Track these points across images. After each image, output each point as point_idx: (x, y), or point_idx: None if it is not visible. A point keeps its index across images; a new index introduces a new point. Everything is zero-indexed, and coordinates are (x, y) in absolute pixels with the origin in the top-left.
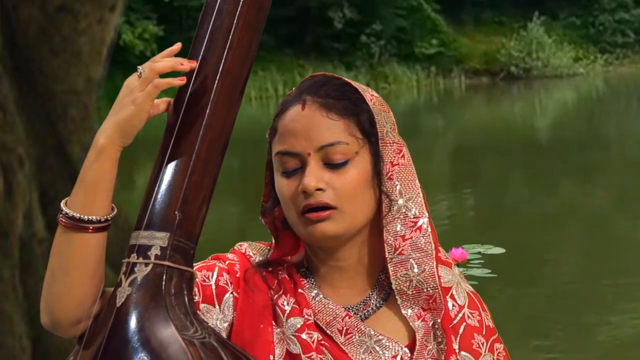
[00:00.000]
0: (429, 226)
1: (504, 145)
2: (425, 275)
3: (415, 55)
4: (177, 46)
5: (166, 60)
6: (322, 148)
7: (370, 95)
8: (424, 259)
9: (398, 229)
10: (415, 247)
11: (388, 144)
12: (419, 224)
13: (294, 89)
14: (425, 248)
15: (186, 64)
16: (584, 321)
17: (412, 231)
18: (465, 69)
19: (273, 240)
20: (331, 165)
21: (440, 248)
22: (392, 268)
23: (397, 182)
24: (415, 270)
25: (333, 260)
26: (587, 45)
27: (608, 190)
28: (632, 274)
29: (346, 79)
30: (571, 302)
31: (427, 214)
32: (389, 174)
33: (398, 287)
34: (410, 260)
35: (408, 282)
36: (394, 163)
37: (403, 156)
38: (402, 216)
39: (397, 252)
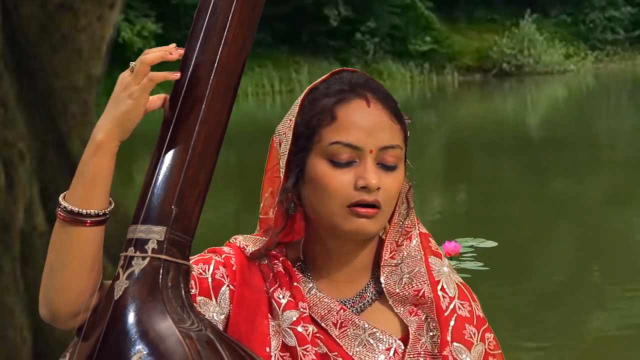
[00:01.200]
0: (418, 237)
1: (496, 141)
2: (415, 273)
3: (409, 52)
4: (172, 46)
5: (155, 50)
6: (383, 148)
7: None
8: (414, 263)
9: (395, 234)
10: (406, 254)
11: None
12: (411, 233)
13: (326, 78)
14: (414, 255)
15: (175, 53)
16: (574, 313)
17: (404, 239)
18: (458, 65)
19: (283, 222)
20: (384, 167)
21: (431, 239)
22: (383, 270)
23: (409, 190)
24: (406, 271)
25: (340, 254)
26: (578, 42)
27: (598, 185)
28: (621, 267)
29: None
30: (562, 295)
31: (417, 226)
32: (407, 180)
33: (388, 287)
34: (401, 264)
35: (398, 282)
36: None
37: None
38: (400, 222)
39: (390, 255)
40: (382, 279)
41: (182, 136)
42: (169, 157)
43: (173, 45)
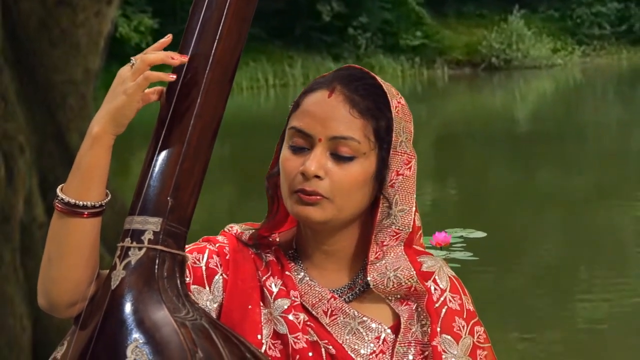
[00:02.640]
0: (404, 239)
1: (485, 134)
2: (401, 270)
3: (400, 47)
4: (168, 38)
5: (158, 53)
6: (333, 138)
7: (396, 102)
8: (397, 262)
9: (382, 235)
10: (390, 254)
11: (399, 154)
12: (400, 235)
13: (329, 72)
14: (399, 254)
15: (177, 59)
16: (561, 302)
17: (390, 239)
18: (448, 60)
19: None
20: (336, 157)
21: (421, 241)
22: (369, 269)
23: (396, 192)
24: (391, 269)
25: (320, 243)
26: (565, 37)
27: (584, 176)
28: (607, 256)
29: (380, 80)
30: (549, 284)
31: (410, 228)
32: (392, 182)
33: (376, 287)
34: (385, 263)
35: (385, 280)
36: (399, 172)
37: (410, 168)
38: (389, 224)
39: (375, 256)
40: (369, 278)
41: (178, 129)
42: (164, 150)
43: (169, 37)
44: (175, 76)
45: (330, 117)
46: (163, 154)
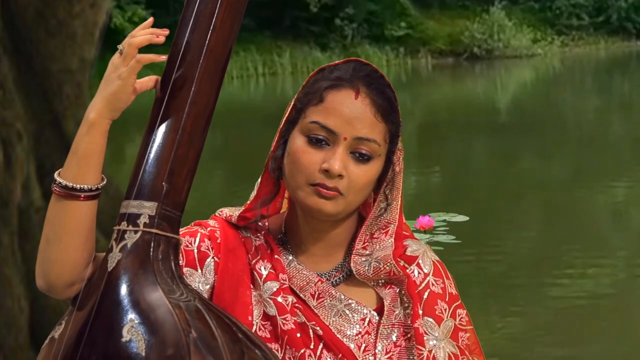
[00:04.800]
0: (393, 236)
1: (468, 121)
2: (382, 257)
3: (385, 37)
4: (150, 20)
5: (142, 33)
6: (358, 139)
7: (397, 104)
8: (382, 252)
9: (373, 228)
10: (377, 247)
11: (397, 151)
12: (389, 229)
13: (338, 63)
14: (386, 246)
15: (161, 36)
16: (542, 284)
17: (380, 232)
18: (431, 49)
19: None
20: (356, 157)
21: (405, 225)
22: (354, 258)
23: (388, 187)
24: (374, 257)
25: (314, 230)
26: (545, 27)
27: (564, 163)
28: (585, 240)
29: (386, 78)
30: (529, 267)
31: (397, 221)
32: (388, 178)
33: (358, 273)
34: (370, 253)
35: (366, 267)
36: (393, 169)
37: (399, 163)
38: (379, 216)
39: (362, 246)
40: (352, 266)
41: (173, 116)
42: (160, 136)
43: (151, 20)
44: (166, 57)
45: (357, 118)
46: (158, 140)
